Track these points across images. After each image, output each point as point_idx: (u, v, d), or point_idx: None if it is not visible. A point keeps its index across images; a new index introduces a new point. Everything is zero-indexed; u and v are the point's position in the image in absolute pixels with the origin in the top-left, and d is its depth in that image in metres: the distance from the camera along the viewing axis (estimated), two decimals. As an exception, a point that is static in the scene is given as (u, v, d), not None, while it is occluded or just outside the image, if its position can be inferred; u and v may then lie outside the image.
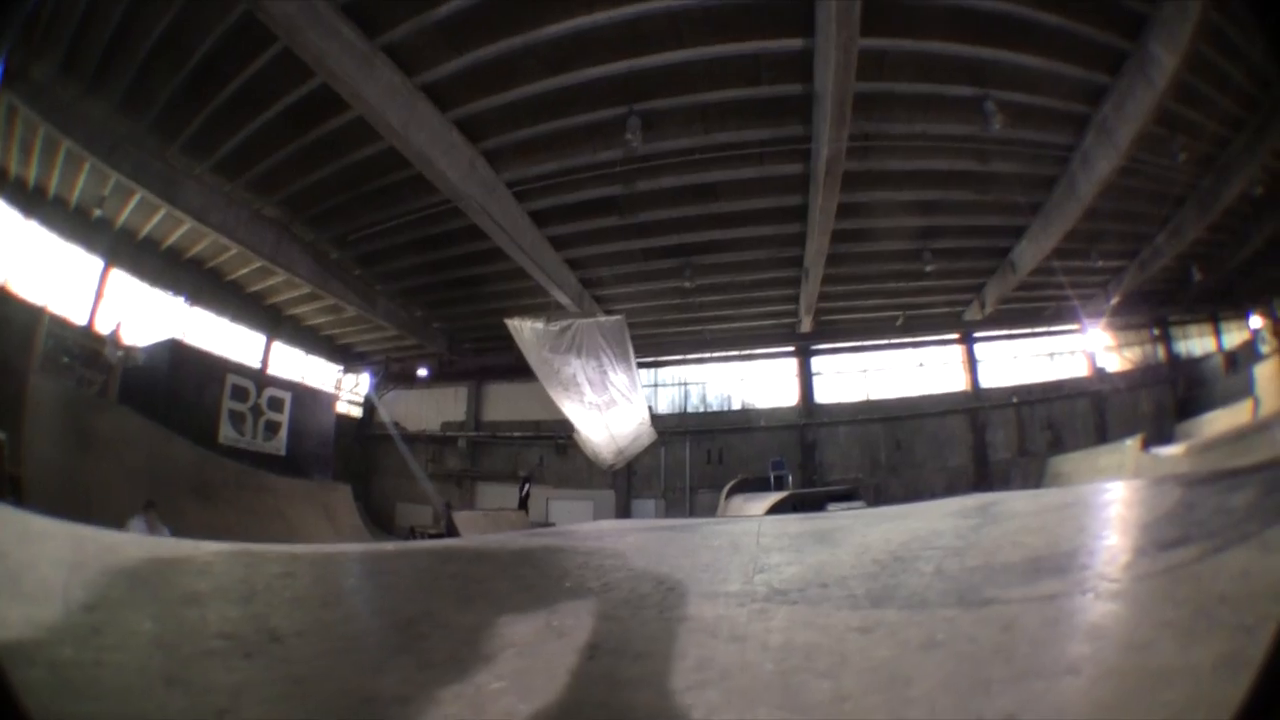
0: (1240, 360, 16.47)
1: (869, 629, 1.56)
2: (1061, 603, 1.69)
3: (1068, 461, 16.04)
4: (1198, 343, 19.09)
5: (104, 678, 1.02)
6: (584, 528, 5.12)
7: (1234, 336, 18.09)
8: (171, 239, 13.33)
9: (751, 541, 2.93)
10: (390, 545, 3.32)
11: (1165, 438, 14.71)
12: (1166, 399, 17.70)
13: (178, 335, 13.26)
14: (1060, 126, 11.57)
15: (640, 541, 3.52)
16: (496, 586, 2.33)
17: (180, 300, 14.18)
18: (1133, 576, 1.81)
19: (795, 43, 9.17)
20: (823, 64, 9.14)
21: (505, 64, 9.42)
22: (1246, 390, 14.31)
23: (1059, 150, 12.01)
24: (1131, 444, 13.66)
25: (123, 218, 12.42)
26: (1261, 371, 14.17)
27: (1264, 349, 14.98)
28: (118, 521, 6.59)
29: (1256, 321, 16.28)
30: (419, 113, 9.76)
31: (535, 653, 1.48)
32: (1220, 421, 14.22)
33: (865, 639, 1.51)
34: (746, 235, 13.82)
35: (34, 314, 9.39)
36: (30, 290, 10.07)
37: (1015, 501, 3.87)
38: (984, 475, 17.75)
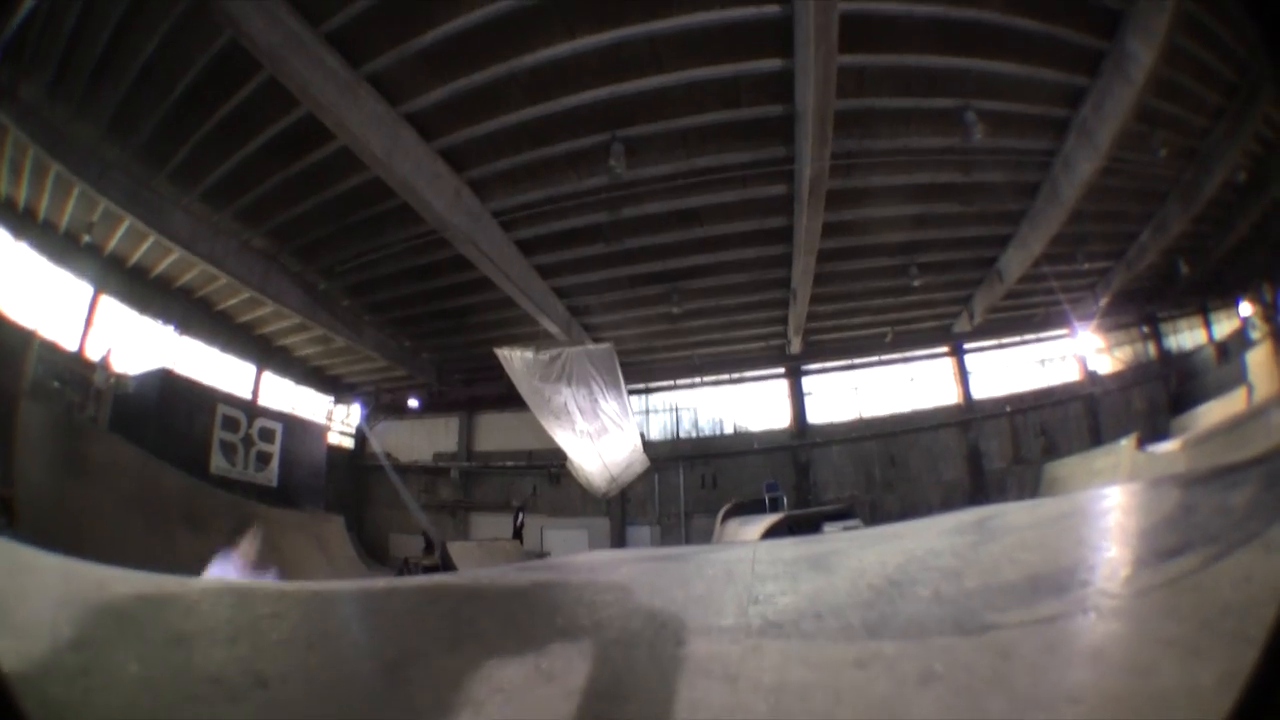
0: (1231, 349, 16.42)
1: (865, 663, 1.52)
2: (1062, 625, 1.66)
3: (1063, 466, 15.95)
4: (1188, 336, 19.14)
5: (91, 720, 1.00)
6: (577, 560, 5.06)
7: (1224, 327, 18.11)
8: (160, 267, 13.30)
9: (746, 569, 2.88)
10: (380, 582, 3.27)
11: (1160, 435, 14.70)
12: (1160, 396, 17.70)
13: (168, 364, 13.16)
14: (1041, 132, 11.63)
15: (634, 573, 3.46)
16: (486, 626, 2.28)
17: (170, 329, 14.09)
18: (1133, 591, 1.78)
19: (774, 63, 9.22)
20: (802, 83, 9.19)
21: (488, 92, 9.46)
22: (1239, 378, 14.23)
23: (1041, 156, 12.09)
24: (1126, 444, 13.51)
25: (112, 244, 12.38)
26: (1253, 358, 14.13)
27: (1254, 335, 14.94)
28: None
29: (1246, 308, 16.17)
30: (403, 142, 9.77)
31: (523, 698, 1.44)
32: (1215, 412, 14.20)
33: (861, 674, 1.47)
34: (732, 258, 13.85)
35: (24, 337, 9.34)
36: (21, 313, 9.98)
37: (1012, 514, 3.85)
38: (980, 486, 17.72)
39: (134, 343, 13.07)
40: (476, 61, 9.10)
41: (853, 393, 19.66)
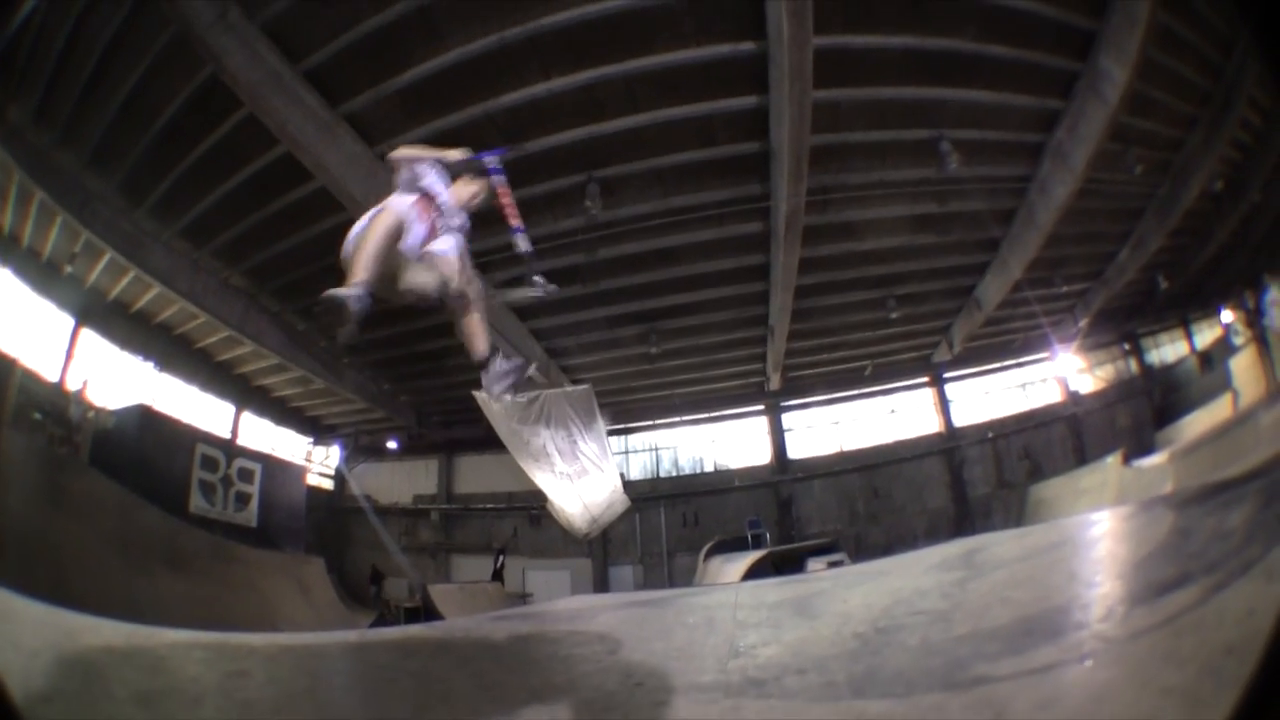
0: (1215, 357, 16.48)
1: None
2: (1057, 675, 1.57)
3: (1049, 488, 16.01)
4: (1170, 349, 19.30)
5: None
6: (556, 607, 4.93)
7: (1206, 336, 18.20)
8: (141, 302, 13.08)
9: (728, 616, 2.78)
10: (353, 635, 3.16)
11: (1146, 449, 14.76)
12: (1144, 410, 17.75)
13: (147, 401, 12.92)
14: (1016, 158, 11.74)
15: (613, 622, 3.35)
16: (458, 686, 2.17)
17: (149, 365, 13.88)
18: (1130, 633, 1.70)
19: (749, 100, 9.28)
20: (777, 120, 9.25)
21: (465, 133, 9.38)
22: (1224, 385, 14.40)
23: (1017, 182, 12.17)
24: (1112, 461, 13.70)
25: (93, 277, 12.18)
26: (1237, 363, 14.23)
27: (1238, 340, 14.94)
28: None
29: (1228, 315, 16.09)
30: (380, 183, 9.66)
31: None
32: (1201, 422, 14.32)
33: None
34: (710, 296, 13.84)
35: (6, 366, 9.13)
36: (3, 340, 9.77)
37: (1000, 546, 3.77)
38: (964, 513, 17.68)
39: (113, 377, 12.84)
40: (453, 102, 9.11)
41: (833, 427, 19.59)
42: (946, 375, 19.22)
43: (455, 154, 3.93)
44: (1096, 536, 3.67)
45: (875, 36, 9.04)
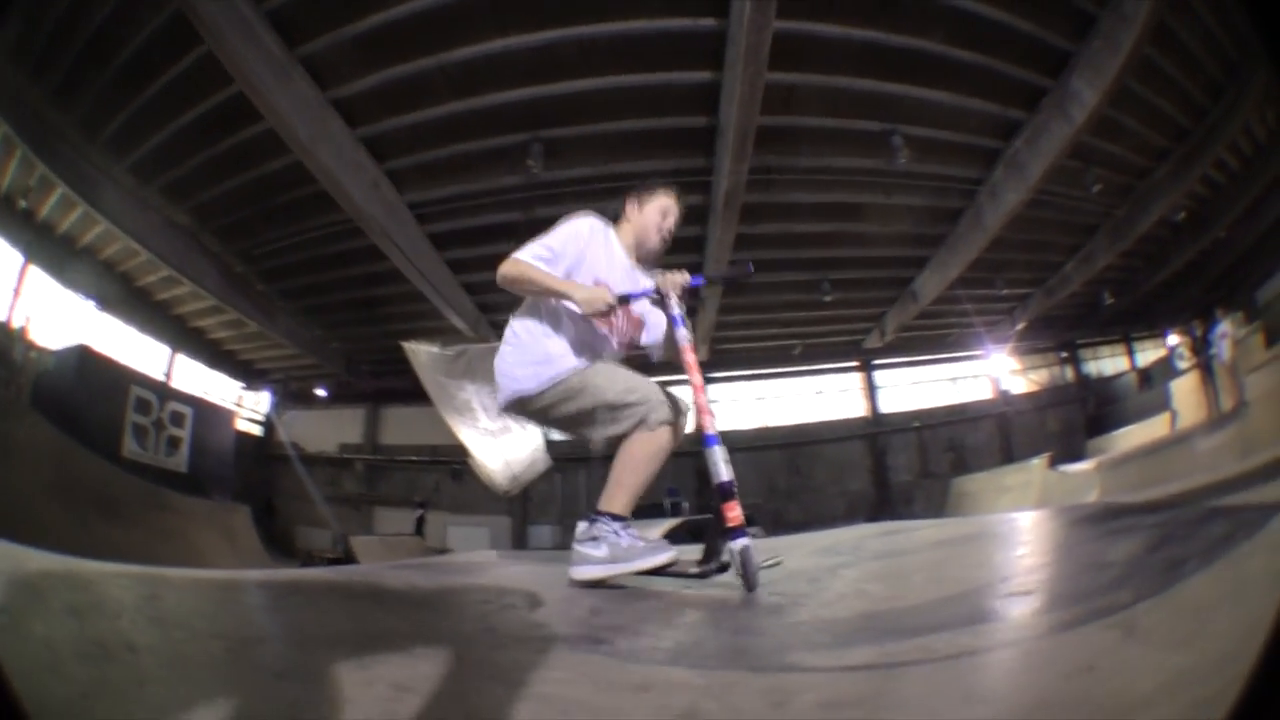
0: (1155, 377, 16.97)
1: (648, 686, 1.45)
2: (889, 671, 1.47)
3: (972, 482, 16.35)
4: (1109, 364, 19.81)
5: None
6: (455, 559, 4.95)
7: (1149, 355, 18.71)
8: (86, 239, 12.68)
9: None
10: (256, 574, 3.21)
11: (1075, 455, 15.10)
12: (1076, 417, 18.29)
13: (86, 341, 12.49)
14: (969, 161, 11.80)
15: (503, 575, 3.49)
16: (332, 620, 2.20)
17: (91, 304, 13.48)
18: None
19: (704, 75, 9.24)
20: (728, 98, 9.22)
21: (417, 83, 9.28)
22: (1163, 404, 14.68)
23: (967, 184, 12.26)
24: (1038, 463, 14.02)
25: (44, 211, 11.80)
26: (1179, 385, 14.52)
27: (1181, 365, 15.29)
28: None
29: (1174, 339, 16.63)
30: (328, 129, 9.55)
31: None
32: (1135, 436, 14.64)
33: (642, 698, 1.41)
34: (644, 264, 13.83)
35: None
36: None
37: (891, 536, 3.79)
38: (885, 498, 18.06)
39: (55, 316, 12.41)
40: (410, 51, 8.92)
41: (758, 402, 19.79)
42: (876, 362, 19.54)
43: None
44: (1005, 537, 3.71)
45: (840, 27, 9.00)
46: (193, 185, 11.55)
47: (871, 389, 19.66)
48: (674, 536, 3.34)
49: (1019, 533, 3.70)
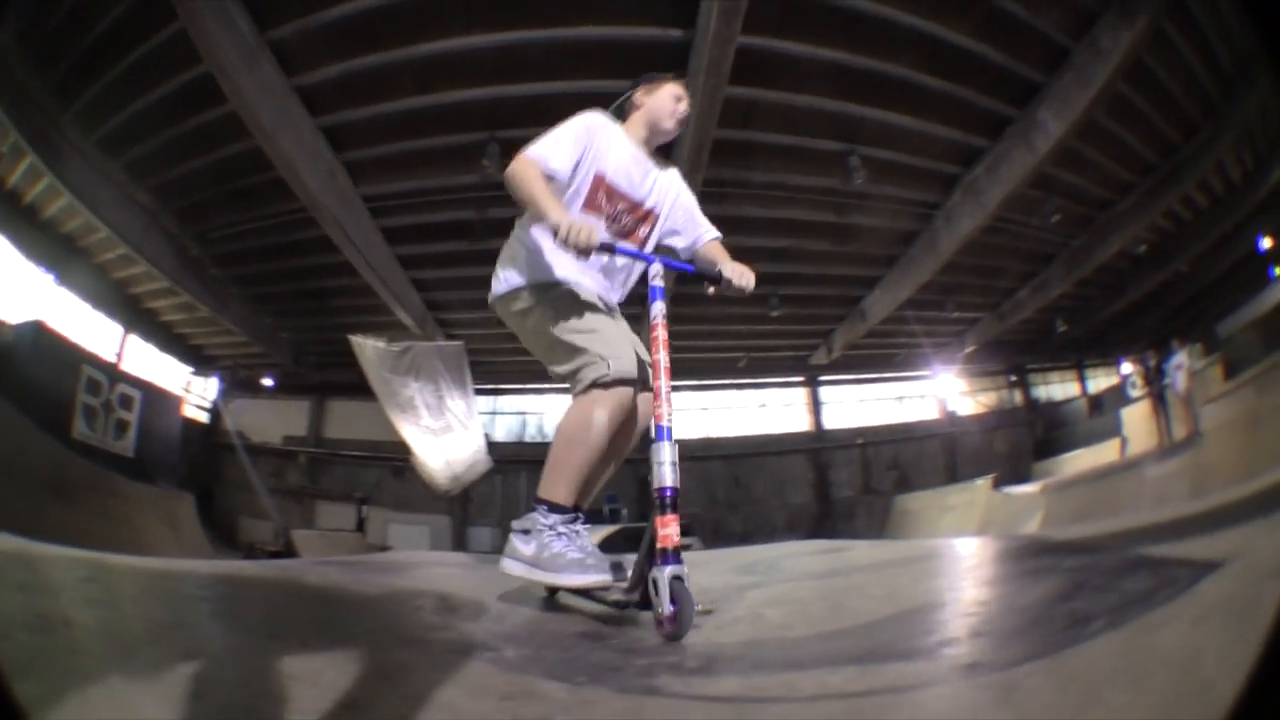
0: (1106, 403, 17.26)
1: (512, 696, 1.51)
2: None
3: (915, 500, 16.46)
4: (1059, 389, 20.07)
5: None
6: (379, 558, 4.94)
7: (1100, 382, 18.97)
8: (51, 210, 12.38)
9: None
10: (185, 563, 3.28)
11: (1021, 477, 15.38)
12: (1024, 440, 18.62)
13: (42, 317, 12.15)
14: (927, 185, 11.92)
15: (430, 576, 3.55)
16: (249, 612, 2.27)
17: (50, 278, 13.17)
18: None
19: (666, 87, 9.31)
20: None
21: (381, 75, 9.24)
22: (1113, 431, 14.95)
23: (923, 208, 12.38)
24: (982, 483, 14.20)
25: (13, 180, 11.52)
26: (1130, 413, 14.76)
27: (1134, 393, 15.49)
28: None
29: (1128, 368, 16.78)
30: (290, 115, 9.45)
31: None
32: (1084, 460, 14.89)
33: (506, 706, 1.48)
34: (591, 270, 13.82)
35: None
36: None
37: (808, 558, 3.76)
38: (827, 512, 18.23)
39: (13, 288, 12.06)
40: (377, 42, 8.88)
41: (701, 412, 19.87)
42: (822, 378, 19.71)
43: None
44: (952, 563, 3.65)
45: (805, 46, 9.10)
46: (155, 163, 11.38)
47: (816, 404, 19.86)
48: (609, 545, 3.22)
49: (938, 565, 3.63)
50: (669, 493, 2.27)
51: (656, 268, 2.68)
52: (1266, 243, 13.62)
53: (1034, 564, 2.81)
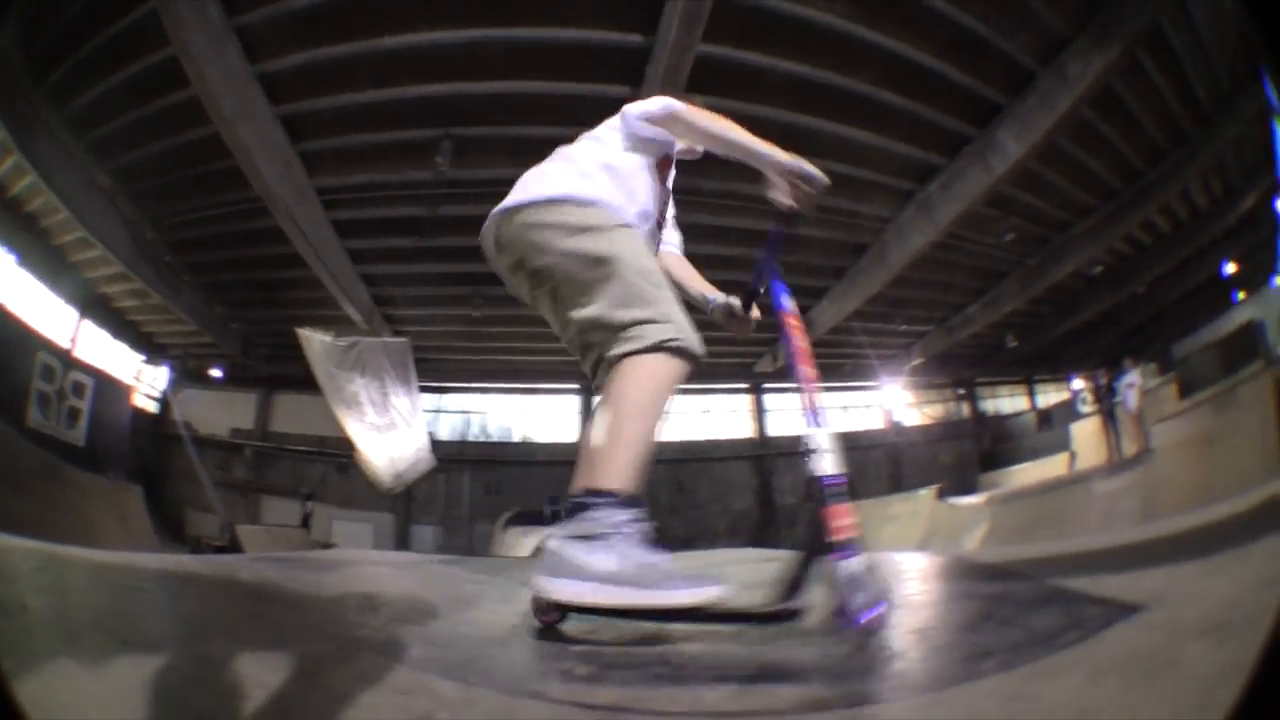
0: (1055, 418, 17.46)
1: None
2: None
3: (859, 509, 16.37)
4: (1008, 403, 20.37)
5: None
6: (313, 556, 4.98)
7: (1050, 397, 19.24)
8: (16, 188, 11.94)
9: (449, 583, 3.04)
10: (128, 556, 3.32)
11: (967, 489, 15.62)
12: (970, 452, 18.82)
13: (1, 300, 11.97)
14: (879, 199, 12.01)
15: (368, 575, 3.62)
16: (186, 610, 2.33)
17: (11, 259, 12.92)
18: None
19: (622, 89, 9.31)
20: (640, 114, 9.39)
21: (343, 67, 9.26)
22: (1062, 445, 15.20)
23: (874, 221, 12.48)
24: (927, 493, 14.34)
25: None
26: (1080, 428, 14.99)
27: (1084, 409, 15.69)
28: None
29: (1079, 384, 16.94)
30: (251, 103, 9.41)
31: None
32: (1031, 473, 15.17)
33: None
34: (540, 272, 13.85)
35: None
36: None
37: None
38: (769, 518, 18.34)
39: None
40: (341, 33, 8.90)
41: None
42: (766, 386, 19.86)
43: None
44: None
45: (766, 57, 9.24)
46: (117, 145, 11.25)
47: (760, 411, 20.01)
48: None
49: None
50: (836, 482, 1.91)
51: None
52: (1231, 268, 13.81)
53: (955, 587, 2.73)
